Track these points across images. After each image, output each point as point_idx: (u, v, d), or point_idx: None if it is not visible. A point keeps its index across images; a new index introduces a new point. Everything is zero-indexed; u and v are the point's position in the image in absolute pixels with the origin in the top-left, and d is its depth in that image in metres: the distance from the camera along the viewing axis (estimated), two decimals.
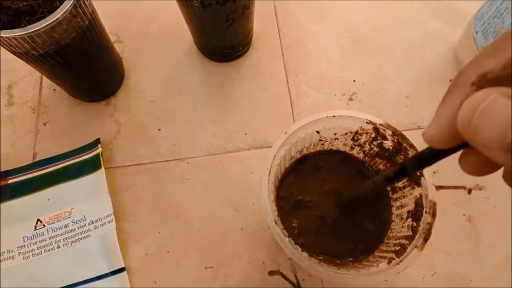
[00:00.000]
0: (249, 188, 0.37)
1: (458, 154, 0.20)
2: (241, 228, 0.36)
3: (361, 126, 0.28)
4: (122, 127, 0.40)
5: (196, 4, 0.33)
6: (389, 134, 0.27)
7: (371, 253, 0.27)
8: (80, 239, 0.36)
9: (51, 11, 0.32)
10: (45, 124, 0.41)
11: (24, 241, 0.36)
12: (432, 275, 0.34)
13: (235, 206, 0.37)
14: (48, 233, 0.36)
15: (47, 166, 0.39)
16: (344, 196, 0.29)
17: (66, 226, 0.36)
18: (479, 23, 0.37)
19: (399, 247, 0.25)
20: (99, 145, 0.39)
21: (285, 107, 0.40)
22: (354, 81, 0.41)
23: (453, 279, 0.34)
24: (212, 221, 0.36)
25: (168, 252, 0.35)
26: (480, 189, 0.36)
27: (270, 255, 0.35)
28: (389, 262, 0.24)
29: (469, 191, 0.36)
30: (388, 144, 0.28)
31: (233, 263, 0.35)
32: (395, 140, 0.27)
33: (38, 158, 0.39)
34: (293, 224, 0.29)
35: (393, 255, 0.25)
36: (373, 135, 0.28)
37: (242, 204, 0.37)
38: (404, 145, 0.26)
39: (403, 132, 0.37)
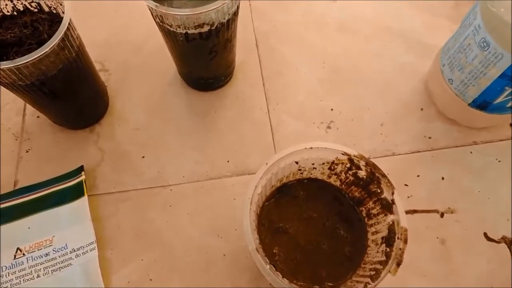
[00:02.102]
0: (232, 215, 0.38)
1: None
2: (224, 254, 0.36)
3: (337, 157, 0.29)
4: (106, 154, 0.41)
5: (181, 39, 0.34)
6: (362, 165, 0.29)
7: (349, 278, 0.28)
8: (61, 267, 0.35)
9: (39, 43, 0.33)
10: (27, 151, 0.41)
11: (2, 271, 0.35)
12: None
13: (217, 232, 0.37)
14: (28, 262, 0.36)
15: (28, 194, 0.39)
16: None
17: (47, 254, 0.36)
18: (445, 57, 0.40)
19: (374, 272, 0.26)
20: (83, 173, 0.39)
21: (266, 135, 0.42)
22: (332, 110, 0.43)
23: None
24: (195, 248, 0.37)
25: (151, 280, 0.35)
26: (452, 212, 0.38)
27: (252, 280, 0.35)
28: (364, 287, 0.25)
29: (442, 215, 0.38)
30: (362, 173, 0.29)
31: None
32: (368, 170, 0.29)
33: (19, 186, 0.39)
34: (274, 251, 0.30)
35: (368, 279, 0.26)
36: (348, 165, 0.30)
37: (225, 231, 0.37)
38: (377, 174, 0.28)
39: (378, 159, 0.39)
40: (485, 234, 0.37)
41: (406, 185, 0.39)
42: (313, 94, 0.44)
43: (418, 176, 0.40)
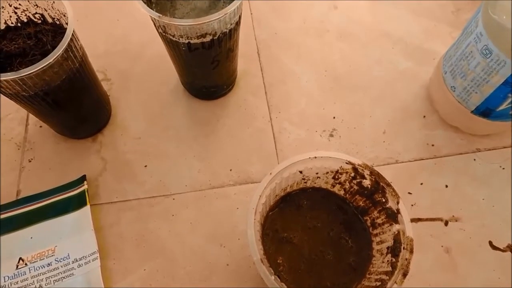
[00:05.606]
0: (234, 224, 0.38)
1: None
2: (227, 264, 0.36)
3: (341, 166, 0.29)
4: (108, 163, 0.41)
5: (183, 48, 0.34)
6: (367, 174, 0.29)
7: None
8: (64, 277, 0.35)
9: (43, 54, 0.33)
10: (30, 161, 0.41)
11: (4, 281, 0.35)
12: None
13: (220, 241, 0.37)
14: (30, 272, 0.35)
15: (31, 204, 0.38)
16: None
17: (49, 264, 0.36)
18: (447, 64, 0.40)
19: (380, 283, 0.26)
20: (85, 182, 0.39)
21: (268, 143, 0.42)
22: (334, 117, 0.43)
23: None
24: (197, 257, 0.36)
25: None
26: (456, 221, 0.38)
27: None
28: None
29: (446, 223, 0.38)
30: (366, 183, 0.29)
31: None
32: (373, 179, 0.29)
33: (22, 195, 0.39)
34: (278, 261, 0.29)
35: None
36: (352, 175, 0.30)
37: (227, 240, 0.37)
38: (381, 184, 0.28)
39: (380, 167, 0.39)
40: (490, 243, 0.37)
41: (409, 193, 0.39)
42: (315, 102, 0.44)
43: (421, 184, 0.40)
